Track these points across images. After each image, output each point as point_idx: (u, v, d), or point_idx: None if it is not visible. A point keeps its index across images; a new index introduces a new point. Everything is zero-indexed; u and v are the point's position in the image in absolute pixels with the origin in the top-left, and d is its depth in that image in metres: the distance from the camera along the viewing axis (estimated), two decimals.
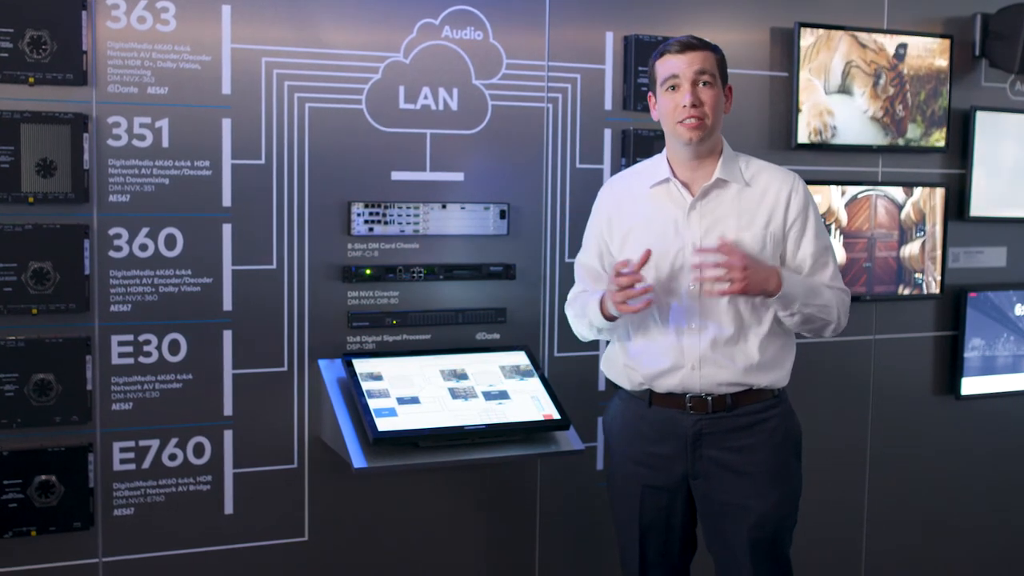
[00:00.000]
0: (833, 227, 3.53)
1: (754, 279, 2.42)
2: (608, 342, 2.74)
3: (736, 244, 2.46)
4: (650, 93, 2.63)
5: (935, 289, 3.72)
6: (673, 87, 2.52)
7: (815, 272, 2.59)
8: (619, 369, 2.66)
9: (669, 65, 2.52)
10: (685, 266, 2.53)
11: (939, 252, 3.71)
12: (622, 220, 2.63)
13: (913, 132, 3.63)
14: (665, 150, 2.64)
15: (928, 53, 3.64)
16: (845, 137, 3.53)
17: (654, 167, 2.64)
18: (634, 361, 2.60)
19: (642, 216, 2.60)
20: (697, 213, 2.55)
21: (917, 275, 3.69)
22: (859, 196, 3.58)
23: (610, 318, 2.55)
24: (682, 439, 2.56)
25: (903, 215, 3.66)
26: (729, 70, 2.60)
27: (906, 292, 3.68)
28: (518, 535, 3.24)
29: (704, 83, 2.51)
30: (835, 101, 3.50)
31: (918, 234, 3.68)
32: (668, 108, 2.53)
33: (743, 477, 2.53)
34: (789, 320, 2.53)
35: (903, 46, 3.57)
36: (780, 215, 2.57)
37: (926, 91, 3.65)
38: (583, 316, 2.65)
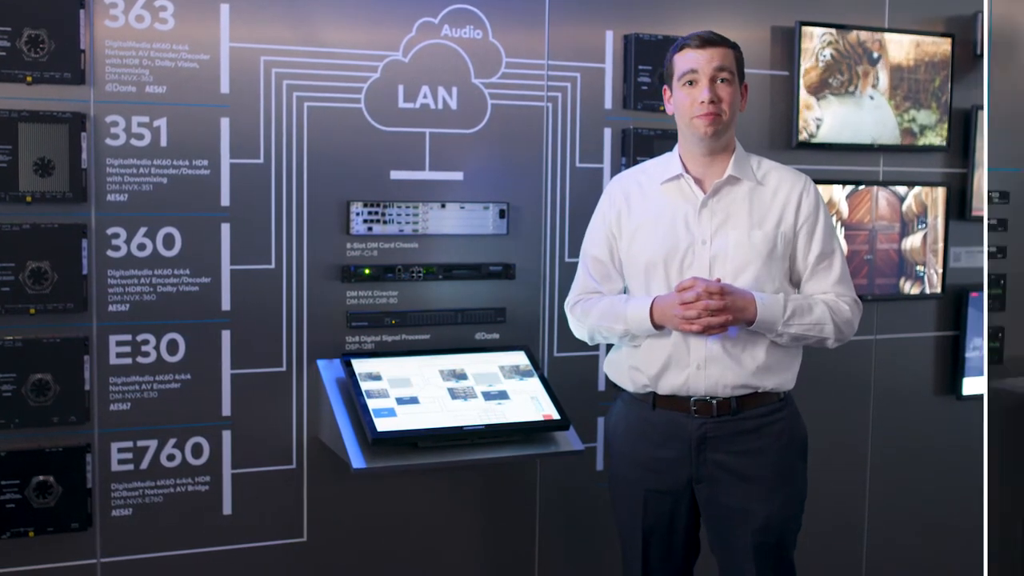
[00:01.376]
0: (834, 219, 3.51)
1: (734, 315, 2.43)
2: (610, 344, 2.73)
3: (722, 288, 2.43)
4: (665, 86, 2.62)
5: (936, 282, 3.71)
6: (691, 82, 2.51)
7: (815, 275, 2.58)
8: (623, 371, 2.63)
9: (688, 59, 2.51)
10: (695, 263, 2.52)
11: (940, 245, 3.70)
12: (631, 216, 2.61)
13: (927, 119, 3.62)
14: (677, 146, 2.62)
15: (943, 39, 3.63)
16: (847, 136, 3.52)
17: (665, 163, 2.62)
18: (639, 360, 2.58)
19: (652, 212, 2.58)
20: (708, 210, 2.54)
21: (919, 268, 3.68)
22: (860, 188, 3.57)
23: (659, 327, 2.52)
24: (686, 443, 2.54)
25: (904, 207, 3.64)
26: None
27: (907, 285, 3.66)
28: (518, 535, 3.23)
29: (722, 80, 2.50)
30: (836, 99, 3.49)
31: (920, 226, 3.67)
32: (685, 103, 2.52)
33: (748, 481, 2.52)
34: (777, 340, 2.52)
35: (880, 55, 3.55)
36: (791, 216, 2.56)
37: (940, 77, 3.63)
38: (609, 321, 2.57)
